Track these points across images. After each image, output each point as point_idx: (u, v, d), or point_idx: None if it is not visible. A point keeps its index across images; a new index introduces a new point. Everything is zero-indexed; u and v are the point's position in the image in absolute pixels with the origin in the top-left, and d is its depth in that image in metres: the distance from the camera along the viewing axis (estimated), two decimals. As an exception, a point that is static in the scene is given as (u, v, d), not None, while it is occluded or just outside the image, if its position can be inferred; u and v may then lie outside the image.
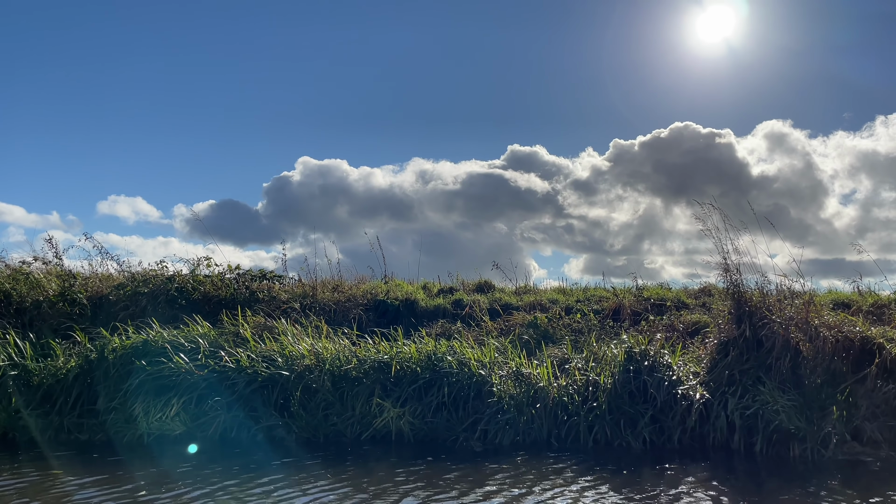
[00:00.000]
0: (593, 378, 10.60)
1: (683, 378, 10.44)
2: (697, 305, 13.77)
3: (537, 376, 10.74)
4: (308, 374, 10.88)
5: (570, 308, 13.95)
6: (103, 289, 14.16)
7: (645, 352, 10.73)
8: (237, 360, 11.06)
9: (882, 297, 12.96)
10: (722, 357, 10.52)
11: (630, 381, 10.43)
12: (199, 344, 11.45)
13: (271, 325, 12.42)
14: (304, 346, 11.37)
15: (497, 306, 14.10)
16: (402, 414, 10.38)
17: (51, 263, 14.60)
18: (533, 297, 14.79)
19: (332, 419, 10.55)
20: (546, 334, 12.72)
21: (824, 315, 10.78)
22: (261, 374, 10.86)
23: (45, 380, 11.29)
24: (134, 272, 14.49)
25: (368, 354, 11.17)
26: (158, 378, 10.88)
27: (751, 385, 10.06)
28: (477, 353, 11.21)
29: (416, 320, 13.66)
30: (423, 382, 10.70)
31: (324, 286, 14.96)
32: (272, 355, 11.22)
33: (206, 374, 10.86)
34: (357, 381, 10.80)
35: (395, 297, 14.38)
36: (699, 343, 11.63)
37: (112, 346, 11.51)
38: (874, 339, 10.40)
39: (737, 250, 11.31)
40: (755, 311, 10.67)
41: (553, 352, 11.78)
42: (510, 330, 12.94)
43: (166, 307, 13.36)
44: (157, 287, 13.78)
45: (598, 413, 10.15)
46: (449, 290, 15.47)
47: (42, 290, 13.84)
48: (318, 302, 14.02)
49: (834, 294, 13.71)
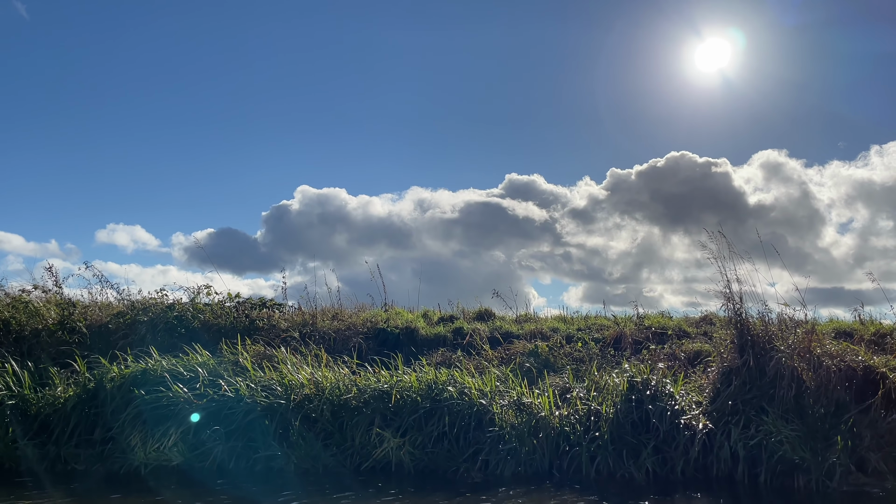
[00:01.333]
0: (595, 407, 10.52)
1: (686, 408, 10.36)
2: (699, 334, 13.71)
3: (539, 406, 10.66)
4: (307, 403, 10.81)
5: (571, 336, 13.88)
6: (103, 317, 14.11)
7: (647, 381, 10.66)
8: (236, 389, 10.99)
9: (884, 326, 12.91)
10: (725, 387, 10.44)
11: (632, 410, 10.36)
12: (197, 373, 11.40)
13: (271, 353, 12.36)
14: (304, 375, 11.31)
15: (498, 335, 14.05)
16: (402, 444, 10.28)
17: (50, 292, 14.56)
18: (534, 325, 14.73)
19: (332, 449, 10.45)
20: (547, 363, 12.64)
21: (826, 344, 10.74)
22: (260, 403, 10.78)
23: (43, 409, 11.22)
24: (134, 300, 14.46)
25: (368, 383, 11.09)
26: (157, 407, 10.81)
27: (754, 415, 9.97)
28: (478, 382, 11.14)
29: (417, 349, 13.59)
30: (424, 412, 10.62)
31: (323, 314, 14.91)
32: (271, 384, 11.15)
33: (205, 403, 10.79)
34: (357, 411, 10.72)
35: (395, 325, 14.33)
36: (701, 372, 11.56)
37: (110, 375, 11.46)
38: (877, 368, 10.34)
39: (738, 279, 11.30)
40: (757, 341, 10.62)
41: (554, 381, 11.70)
42: (511, 358, 12.86)
43: (165, 336, 13.30)
44: (156, 315, 13.73)
45: (600, 443, 10.06)
46: (449, 319, 15.41)
47: (41, 319, 13.79)
48: (317, 330, 13.97)
49: (835, 323, 13.66)
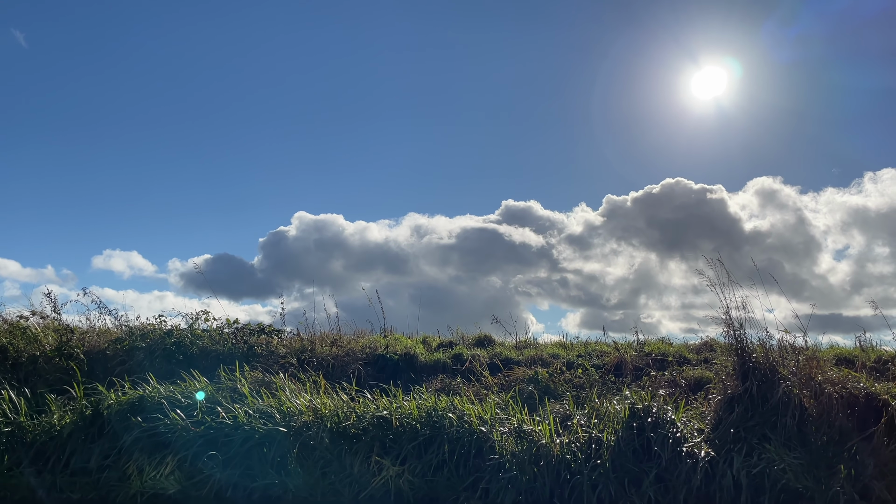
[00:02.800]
0: (596, 435, 10.43)
1: (688, 435, 10.28)
2: (700, 361, 13.65)
3: (539, 433, 10.57)
4: (306, 430, 10.71)
5: (572, 363, 13.81)
6: (100, 343, 14.05)
7: (648, 408, 10.58)
8: (234, 416, 10.91)
9: (886, 353, 12.87)
10: (727, 414, 10.37)
11: (633, 438, 10.27)
12: (195, 400, 11.32)
13: (269, 380, 12.29)
14: (302, 401, 11.23)
15: (497, 361, 13.98)
16: (401, 472, 10.17)
17: (48, 318, 14.52)
18: (533, 351, 14.67)
19: (330, 477, 10.33)
20: (547, 389, 12.56)
21: (828, 371, 10.69)
22: (258, 430, 10.69)
23: (39, 436, 11.12)
24: (132, 326, 14.41)
25: (367, 410, 11.01)
26: (154, 435, 10.72)
27: (756, 443, 9.89)
28: (478, 409, 11.06)
29: (416, 375, 13.52)
30: (423, 440, 10.52)
31: (322, 340, 14.85)
32: (270, 411, 11.06)
33: (203, 430, 10.70)
34: (355, 438, 10.63)
35: (394, 351, 14.26)
36: (702, 399, 11.49)
37: (108, 401, 11.37)
38: (879, 395, 10.29)
39: (739, 305, 11.29)
40: (759, 367, 10.57)
41: (555, 407, 11.62)
42: (511, 385, 12.79)
43: (163, 362, 13.24)
44: (154, 342, 13.68)
45: (601, 471, 9.95)
46: (448, 345, 15.35)
47: (39, 345, 13.73)
48: (316, 356, 13.90)
49: (836, 349, 13.62)
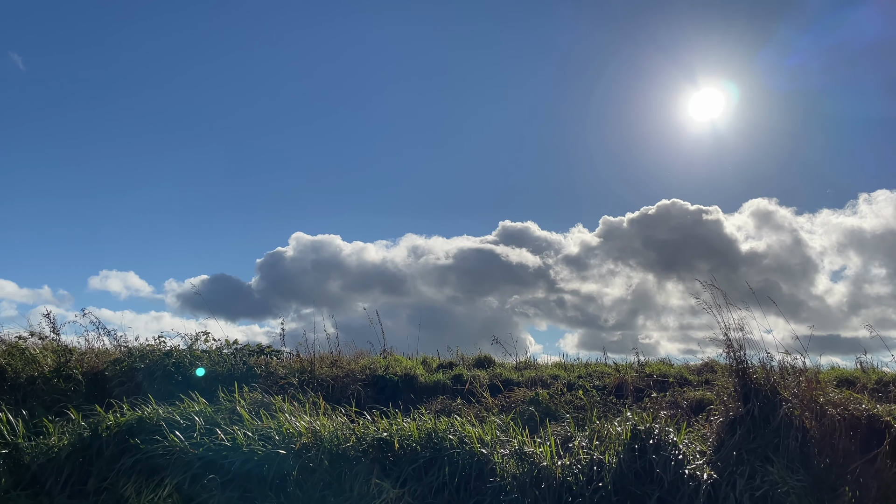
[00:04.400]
0: (597, 457, 10.36)
1: (690, 457, 10.21)
2: (700, 382, 13.62)
3: (540, 455, 10.50)
4: (305, 452, 10.64)
5: (572, 384, 13.77)
6: (99, 364, 14.01)
7: (650, 430, 10.52)
8: (233, 437, 10.83)
9: (887, 374, 12.84)
10: (729, 436, 10.32)
11: (635, 460, 10.20)
12: (194, 421, 11.25)
13: (268, 401, 12.23)
14: (302, 423, 11.16)
15: (498, 382, 13.94)
16: (401, 495, 10.08)
17: (47, 338, 14.48)
18: (534, 372, 14.64)
19: (330, 500, 10.24)
20: (548, 411, 12.51)
21: (830, 392, 10.65)
22: (257, 452, 10.62)
23: (36, 458, 11.02)
24: (131, 347, 14.37)
25: (367, 432, 10.94)
26: (152, 457, 10.63)
27: (759, 465, 9.83)
28: (478, 430, 10.99)
29: (416, 396, 13.47)
30: (424, 462, 10.44)
31: (322, 361, 14.82)
32: (269, 433, 10.99)
33: (201, 452, 10.62)
34: (355, 460, 10.55)
35: (393, 372, 14.22)
36: (704, 421, 11.44)
37: (106, 423, 11.30)
38: (881, 417, 10.23)
39: (737, 327, 11.28)
40: (761, 389, 10.54)
41: (556, 429, 11.56)
42: (511, 406, 12.73)
43: (162, 383, 13.20)
44: (153, 362, 13.64)
45: (603, 494, 9.87)
46: (448, 366, 15.32)
47: (37, 366, 13.67)
48: (316, 377, 13.86)
49: (837, 371, 13.60)
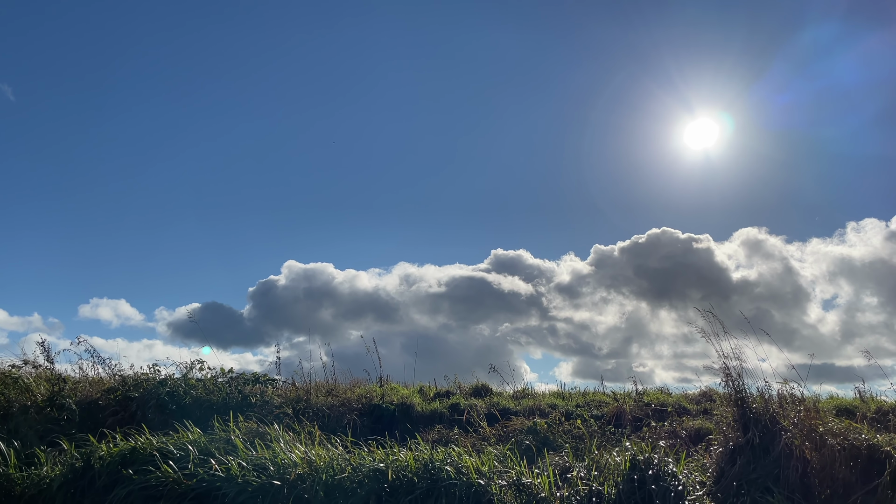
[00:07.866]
0: (596, 488, 10.24)
1: (690, 488, 10.10)
2: (699, 411, 13.53)
3: (538, 486, 10.38)
4: (300, 483, 10.50)
5: (570, 413, 13.67)
6: (93, 393, 13.88)
7: (649, 460, 10.42)
8: (227, 468, 10.69)
9: (886, 403, 12.77)
10: (729, 466, 10.22)
11: (634, 491, 10.08)
12: (188, 451, 11.11)
13: (263, 430, 12.09)
14: (297, 453, 11.02)
15: (495, 411, 13.82)
16: (398, 527, 9.95)
17: (41, 367, 14.36)
18: (531, 401, 14.54)
19: (325, 532, 10.09)
20: (546, 440, 12.39)
21: (829, 422, 10.58)
22: (251, 483, 10.47)
23: (28, 489, 10.86)
24: (125, 376, 14.25)
25: (363, 462, 10.81)
26: (145, 488, 10.48)
27: (759, 496, 9.73)
28: (476, 461, 10.87)
29: (412, 425, 13.35)
30: (421, 493, 10.30)
31: (318, 390, 14.70)
32: (264, 463, 10.85)
33: (195, 483, 10.48)
34: (351, 492, 10.41)
35: (390, 401, 14.11)
36: (703, 450, 11.34)
37: (99, 453, 11.14)
38: (882, 447, 10.15)
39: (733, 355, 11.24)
40: (760, 418, 10.46)
41: (554, 459, 11.44)
42: (509, 436, 12.62)
43: (156, 412, 13.06)
44: (147, 391, 13.51)
45: (602, 526, 9.75)
46: (445, 394, 15.21)
47: (30, 395, 13.54)
48: (311, 406, 13.73)
49: (837, 400, 13.54)
